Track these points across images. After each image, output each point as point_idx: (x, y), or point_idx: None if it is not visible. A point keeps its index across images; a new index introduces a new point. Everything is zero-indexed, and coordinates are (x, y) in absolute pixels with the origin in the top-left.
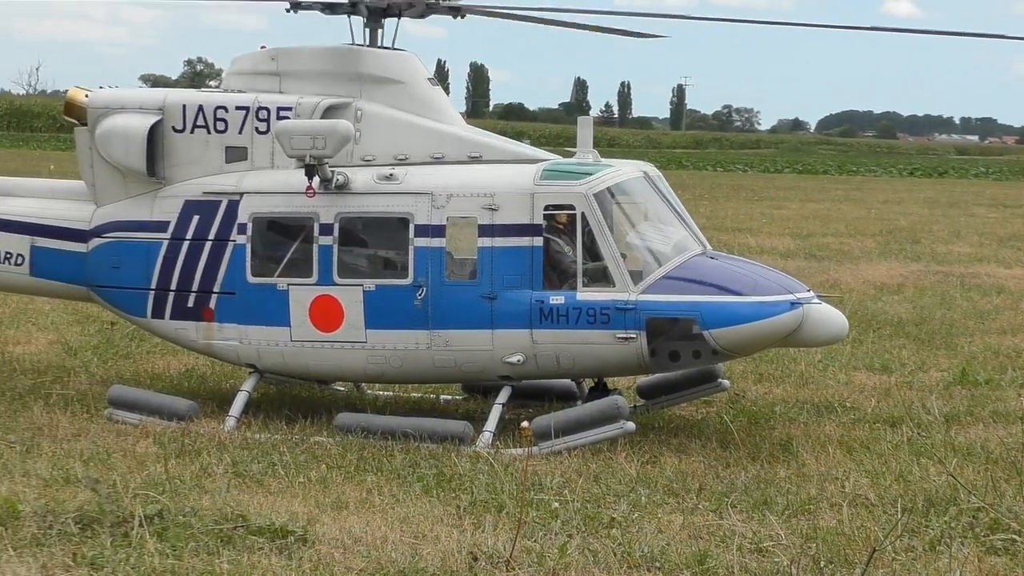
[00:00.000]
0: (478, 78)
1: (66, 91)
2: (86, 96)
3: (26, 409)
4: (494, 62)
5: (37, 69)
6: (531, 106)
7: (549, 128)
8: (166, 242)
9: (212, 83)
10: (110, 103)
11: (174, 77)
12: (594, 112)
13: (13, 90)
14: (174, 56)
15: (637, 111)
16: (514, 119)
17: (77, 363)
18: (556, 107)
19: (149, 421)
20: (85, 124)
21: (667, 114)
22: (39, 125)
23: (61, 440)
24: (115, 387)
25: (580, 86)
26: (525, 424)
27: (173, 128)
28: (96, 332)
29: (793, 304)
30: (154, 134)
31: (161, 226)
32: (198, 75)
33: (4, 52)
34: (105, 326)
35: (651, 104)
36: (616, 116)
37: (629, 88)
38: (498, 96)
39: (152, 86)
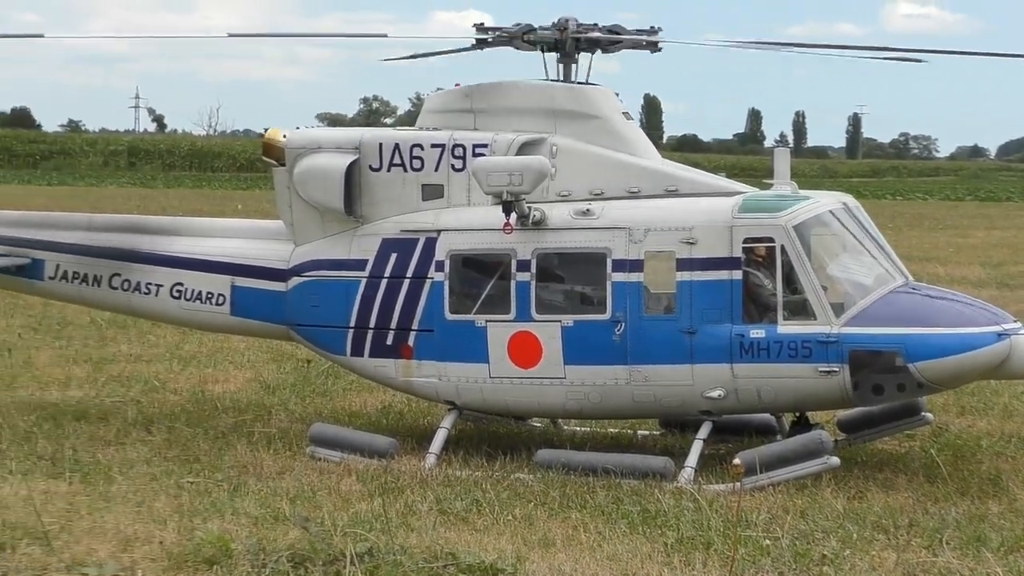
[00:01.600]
0: (651, 110)
1: (245, 131)
2: (284, 137)
3: (230, 447)
4: (667, 94)
5: (217, 110)
6: (705, 137)
7: (723, 159)
8: (364, 280)
9: (387, 120)
10: (307, 143)
11: (350, 115)
12: (768, 142)
13: (194, 131)
14: (350, 94)
15: (812, 140)
16: (688, 150)
17: (276, 401)
18: (730, 138)
19: (351, 459)
20: (283, 164)
21: (843, 143)
22: (220, 165)
23: (266, 478)
24: (316, 425)
25: (754, 116)
26: (737, 461)
27: (370, 167)
28: (292, 370)
29: (1000, 335)
30: (351, 173)
31: (359, 264)
32: (373, 112)
33: (185, 94)
34: (301, 364)
35: (827, 133)
36: (791, 146)
37: (804, 117)
38: (672, 128)
39: (329, 124)
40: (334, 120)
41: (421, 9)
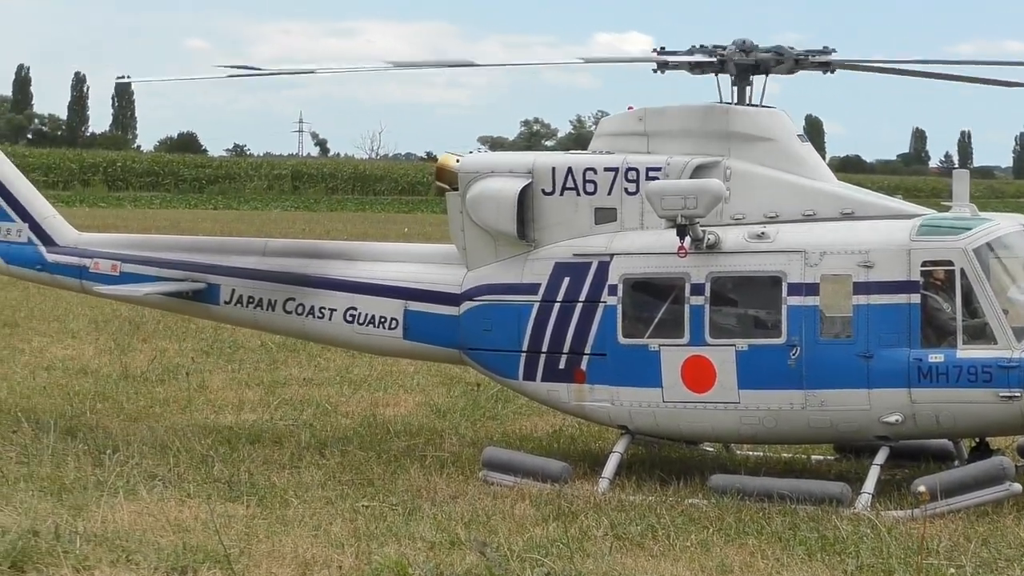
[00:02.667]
0: (814, 131)
1: (407, 155)
2: (457, 161)
3: (403, 471)
4: (829, 115)
5: (380, 134)
6: (868, 158)
7: (887, 180)
8: (537, 304)
9: (548, 143)
10: (480, 168)
11: (511, 138)
12: (933, 162)
13: (356, 155)
14: (511, 117)
15: (978, 160)
16: (851, 171)
17: (446, 425)
18: (894, 158)
19: (524, 483)
20: (456, 189)
21: (1010, 163)
22: (382, 188)
23: (440, 502)
24: (489, 449)
25: (919, 136)
26: (922, 488)
27: (543, 191)
28: (462, 394)
29: None
30: (524, 197)
31: (532, 288)
32: (534, 135)
33: (348, 118)
34: (470, 388)
35: (993, 153)
36: (956, 166)
37: (969, 137)
38: (833, 149)
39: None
40: (495, 143)
41: (582, 31)
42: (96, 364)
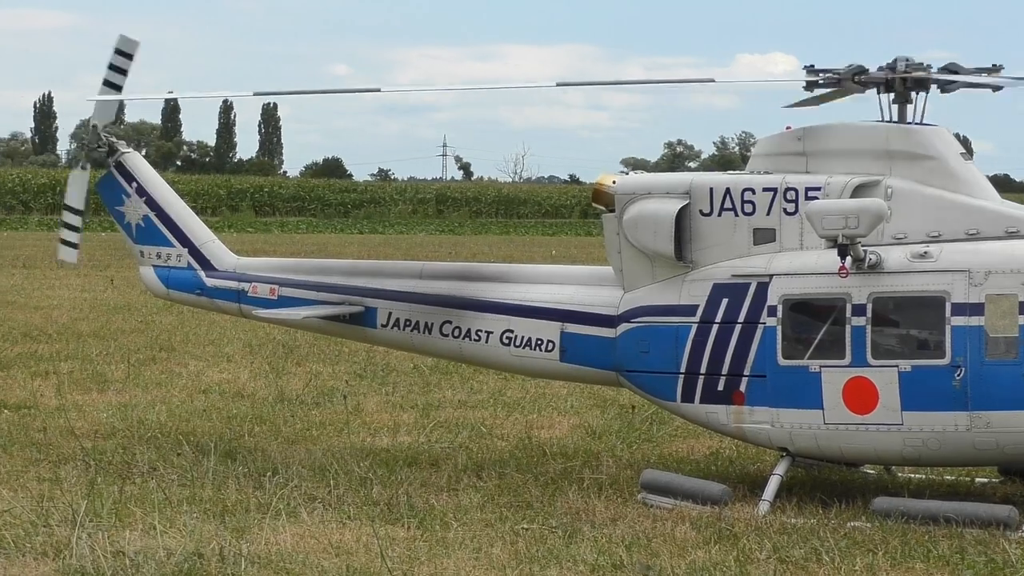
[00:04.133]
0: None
1: (550, 178)
2: (613, 183)
3: (561, 493)
4: (976, 133)
5: (523, 157)
6: (1017, 177)
7: None
8: (695, 326)
9: (691, 164)
10: (637, 189)
11: (653, 160)
12: None
13: (500, 178)
14: (653, 139)
15: None
16: (1000, 190)
17: (602, 447)
18: None
19: (683, 505)
20: (612, 210)
21: None
22: (526, 211)
23: (600, 525)
24: (647, 471)
25: None
26: None
27: (700, 211)
28: (616, 415)
29: None
30: (682, 218)
31: (690, 310)
32: (677, 156)
33: (491, 141)
34: (625, 410)
35: None
36: None
37: None
38: (982, 167)
39: (632, 170)
40: (637, 165)
41: (725, 52)
42: (252, 387)
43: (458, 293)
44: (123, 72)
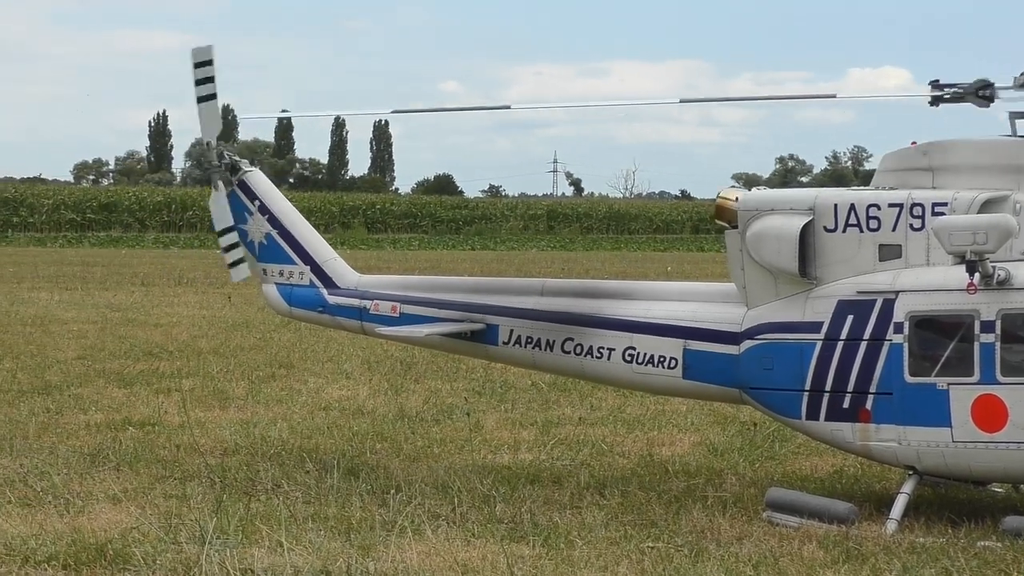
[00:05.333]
0: None
1: (660, 193)
2: (736, 199)
3: (685, 512)
4: None
5: (633, 173)
6: None
7: None
8: (819, 343)
9: (803, 179)
10: (760, 205)
11: (765, 175)
12: None
13: (611, 194)
14: (764, 154)
15: None
16: None
17: (724, 464)
18: None
19: (809, 524)
20: (735, 227)
21: None
22: (636, 227)
23: (726, 543)
24: (772, 489)
25: None
26: None
27: (825, 228)
28: (737, 433)
29: None
30: (805, 234)
31: (814, 327)
32: (789, 172)
33: (601, 158)
34: (746, 427)
35: None
36: None
37: None
38: None
39: (744, 185)
40: (749, 180)
41: (837, 67)
42: (372, 404)
43: (580, 310)
44: (210, 81)
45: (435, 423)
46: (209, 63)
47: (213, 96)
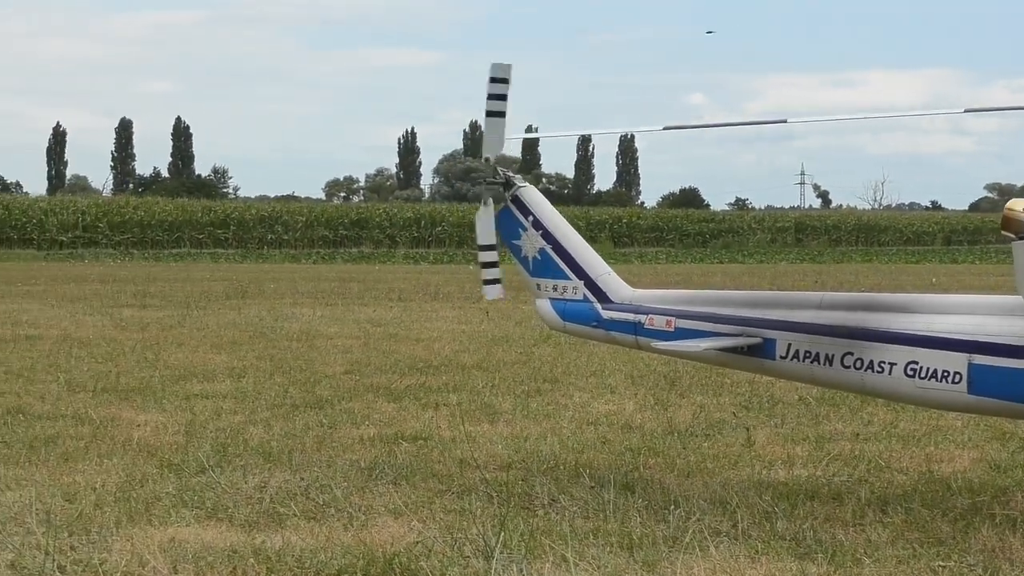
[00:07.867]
0: None
1: (910, 205)
2: (1021, 209)
3: (973, 530)
4: None
5: (883, 184)
6: None
7: None
8: None
9: None
10: None
11: (1019, 184)
12: None
13: (859, 205)
14: (1020, 163)
15: None
16: None
17: (1009, 481)
18: None
19: None
20: (1022, 238)
21: None
22: (886, 239)
23: (1020, 564)
24: None
25: None
26: None
27: None
28: (1018, 449)
29: None
30: None
31: None
32: None
33: (850, 168)
34: None
35: None
36: None
37: None
38: None
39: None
40: (1003, 191)
41: None
42: (639, 419)
43: (861, 324)
44: (503, 98)
45: (706, 438)
46: (505, 80)
47: (502, 113)
